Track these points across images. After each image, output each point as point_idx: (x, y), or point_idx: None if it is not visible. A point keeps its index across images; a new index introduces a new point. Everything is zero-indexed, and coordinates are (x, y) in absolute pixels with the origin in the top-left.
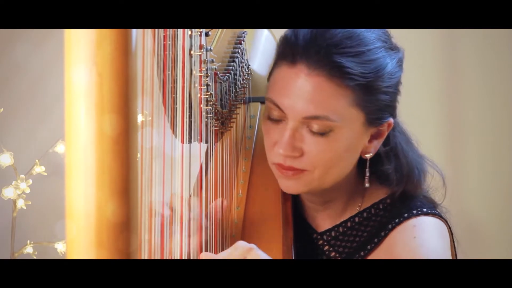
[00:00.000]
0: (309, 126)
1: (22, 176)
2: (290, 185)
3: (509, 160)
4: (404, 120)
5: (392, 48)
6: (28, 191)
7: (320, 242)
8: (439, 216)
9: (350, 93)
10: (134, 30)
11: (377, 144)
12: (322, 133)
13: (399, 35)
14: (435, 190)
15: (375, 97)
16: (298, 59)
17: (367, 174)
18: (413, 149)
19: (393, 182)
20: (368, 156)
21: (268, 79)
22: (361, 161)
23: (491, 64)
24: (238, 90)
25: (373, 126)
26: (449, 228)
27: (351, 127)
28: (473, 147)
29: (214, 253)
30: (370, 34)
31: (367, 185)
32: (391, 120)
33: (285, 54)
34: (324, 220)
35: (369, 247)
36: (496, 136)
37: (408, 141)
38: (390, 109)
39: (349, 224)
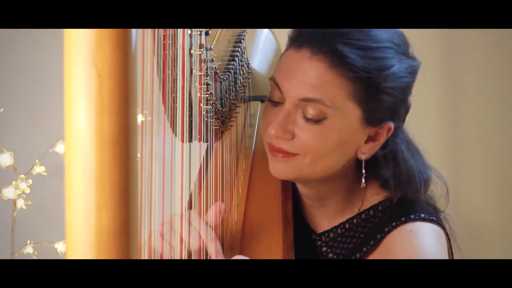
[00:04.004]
0: (304, 111)
1: (22, 176)
2: (279, 168)
3: (509, 160)
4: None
5: (405, 54)
6: (28, 191)
7: (319, 243)
8: (437, 223)
9: (349, 85)
10: (134, 30)
11: (372, 146)
12: (316, 120)
13: None
14: (438, 197)
15: (376, 96)
16: (304, 44)
17: (364, 173)
18: (417, 158)
19: (391, 187)
20: (363, 156)
21: (278, 61)
22: (359, 163)
23: (491, 64)
24: (238, 89)
25: (371, 126)
26: (447, 235)
27: (345, 120)
28: (473, 147)
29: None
30: (383, 34)
31: (363, 184)
32: (391, 124)
33: (295, 39)
34: (322, 219)
35: (364, 249)
36: (496, 136)
37: (412, 149)
38: (391, 112)
39: (347, 225)
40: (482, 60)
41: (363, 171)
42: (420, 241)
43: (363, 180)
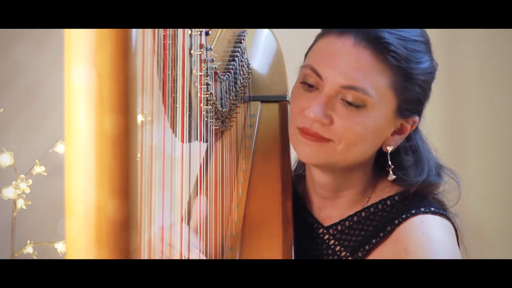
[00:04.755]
0: (344, 96)
1: (22, 176)
2: (310, 152)
3: (509, 159)
4: None
5: (431, 52)
6: (28, 191)
7: (326, 236)
8: (447, 217)
9: (391, 74)
10: (134, 30)
11: (398, 139)
12: (356, 106)
13: None
14: (448, 192)
15: (411, 87)
16: (346, 32)
17: (391, 166)
18: (432, 154)
19: (411, 176)
20: (389, 148)
21: (308, 52)
22: (379, 155)
23: (491, 64)
24: (238, 89)
25: (401, 118)
26: (456, 231)
27: (383, 109)
28: (473, 147)
29: (214, 253)
30: (427, 35)
31: (392, 177)
32: (416, 117)
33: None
34: (332, 211)
35: (374, 241)
36: (496, 136)
37: (428, 147)
38: (419, 105)
39: (355, 218)
40: (482, 60)
41: (390, 163)
42: (432, 231)
43: (391, 172)
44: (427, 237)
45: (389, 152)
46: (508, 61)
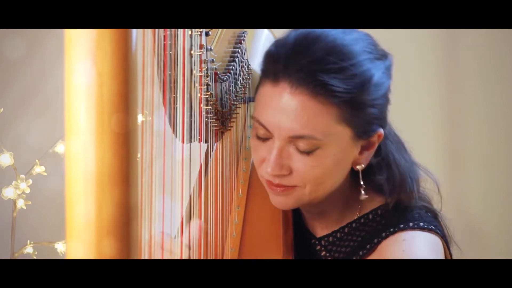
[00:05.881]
0: (296, 144)
1: (22, 176)
2: (280, 201)
3: (509, 160)
4: (402, 125)
5: (379, 57)
6: (28, 191)
7: (318, 247)
8: (435, 232)
9: (335, 110)
10: (134, 30)
11: (368, 156)
12: (309, 152)
13: (399, 35)
14: (431, 197)
15: (362, 112)
16: (281, 77)
17: (363, 185)
18: (405, 157)
19: (386, 192)
20: (359, 167)
21: (254, 97)
22: (354, 171)
23: (491, 64)
24: (238, 89)
25: (363, 139)
26: (446, 243)
27: (338, 143)
28: (473, 147)
29: (214, 253)
30: (354, 47)
31: (364, 197)
32: (381, 131)
33: (268, 72)
34: (322, 228)
35: (361, 253)
36: (496, 136)
37: (401, 148)
38: (379, 121)
39: (346, 230)
40: (481, 60)
41: (362, 183)
42: (412, 249)
43: (363, 192)
44: (406, 254)
45: (360, 171)
46: (508, 61)
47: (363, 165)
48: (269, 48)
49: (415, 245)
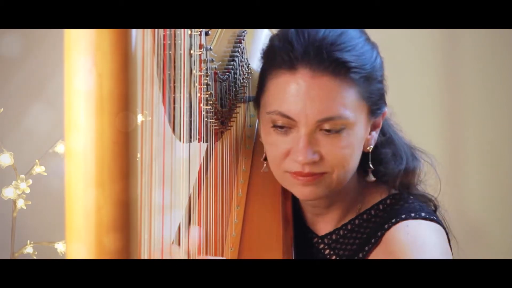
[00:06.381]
0: (322, 127)
1: (22, 176)
2: (310, 191)
3: (509, 160)
4: (402, 125)
5: (370, 40)
6: (28, 191)
7: (321, 246)
8: (437, 222)
9: (356, 87)
10: (134, 30)
11: (375, 135)
12: (337, 131)
13: (399, 35)
14: (431, 186)
15: (376, 87)
16: (299, 64)
17: (371, 166)
18: (402, 139)
19: (392, 168)
20: (369, 148)
21: (260, 95)
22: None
23: (491, 64)
24: (238, 89)
25: (374, 117)
26: (447, 234)
27: (360, 121)
28: (473, 146)
29: (214, 253)
30: (351, 31)
31: (372, 178)
32: (386, 109)
33: (282, 62)
34: (326, 224)
35: (366, 248)
36: (496, 136)
37: (398, 130)
38: (383, 97)
39: (349, 226)
40: (481, 60)
41: (370, 165)
42: (418, 232)
43: (371, 175)
44: (412, 238)
45: (370, 152)
46: (508, 61)
47: (371, 146)
48: (273, 43)
49: (419, 229)
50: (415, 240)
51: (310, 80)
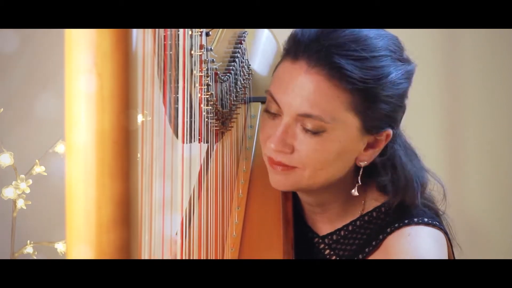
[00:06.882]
0: (303, 123)
1: (22, 176)
2: (278, 180)
3: (509, 159)
4: (402, 125)
5: (401, 60)
6: (28, 191)
7: (322, 246)
8: (439, 228)
9: (348, 97)
10: (134, 30)
11: (372, 153)
12: (315, 132)
13: (400, 35)
14: (437, 198)
15: (374, 105)
16: (300, 56)
17: (359, 182)
18: (414, 162)
19: (390, 193)
20: (362, 164)
21: (273, 73)
22: (358, 168)
23: (491, 64)
24: (238, 90)
25: (370, 134)
26: (449, 240)
27: (345, 131)
28: (473, 146)
29: (215, 253)
30: (378, 42)
31: (355, 193)
32: (389, 131)
33: (290, 50)
34: (324, 224)
35: (367, 250)
36: (496, 136)
37: (411, 154)
38: (390, 119)
39: (350, 227)
40: (481, 60)
41: (358, 180)
42: (418, 241)
43: (355, 190)
44: (413, 248)
45: (362, 166)
46: (508, 61)
47: (366, 162)
48: (295, 30)
49: (419, 238)
50: (416, 249)
51: (304, 74)
